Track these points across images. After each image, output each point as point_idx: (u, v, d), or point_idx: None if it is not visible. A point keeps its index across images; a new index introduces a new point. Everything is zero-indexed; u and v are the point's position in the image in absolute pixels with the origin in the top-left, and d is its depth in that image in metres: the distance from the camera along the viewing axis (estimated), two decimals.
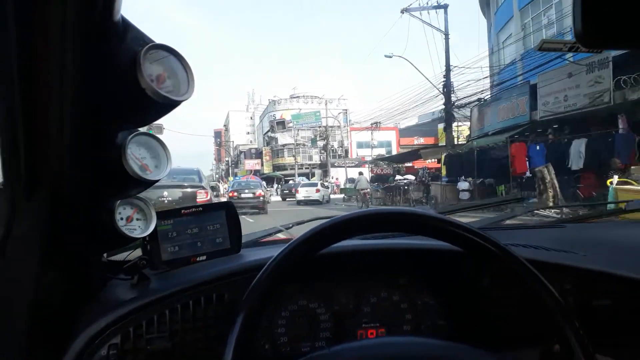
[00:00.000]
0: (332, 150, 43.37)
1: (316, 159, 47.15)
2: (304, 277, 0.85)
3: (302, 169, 43.31)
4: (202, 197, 8.03)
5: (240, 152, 57.52)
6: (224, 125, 71.98)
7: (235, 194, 16.38)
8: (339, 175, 38.09)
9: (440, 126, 41.67)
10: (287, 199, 26.74)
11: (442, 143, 36.86)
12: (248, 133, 66.30)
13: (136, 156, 0.71)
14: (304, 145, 46.80)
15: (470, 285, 0.90)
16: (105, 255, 0.91)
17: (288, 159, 47.42)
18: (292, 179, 38.00)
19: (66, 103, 0.61)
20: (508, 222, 1.71)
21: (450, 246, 0.63)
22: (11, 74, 0.57)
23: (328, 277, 0.91)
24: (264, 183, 20.85)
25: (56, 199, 0.70)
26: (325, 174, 40.18)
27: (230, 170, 50.29)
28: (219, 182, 29.65)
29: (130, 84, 0.60)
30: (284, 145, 48.50)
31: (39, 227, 0.70)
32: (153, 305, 0.76)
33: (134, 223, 0.82)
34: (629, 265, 0.92)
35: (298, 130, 45.51)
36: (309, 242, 0.60)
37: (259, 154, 51.56)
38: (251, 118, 67.76)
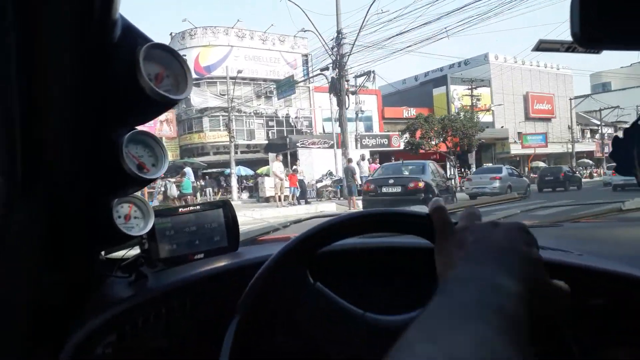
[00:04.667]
0: (293, 124, 27.16)
1: (261, 137, 26.82)
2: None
3: (237, 153, 23.23)
4: None
5: None
6: None
7: (372, 186, 9.32)
8: (311, 160, 19.79)
9: (436, 91, 30.36)
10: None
11: (443, 112, 26.04)
12: None
13: (133, 155, 0.71)
14: (239, 111, 24.46)
15: None
16: (102, 253, 0.91)
17: (211, 136, 25.84)
18: (223, 170, 21.70)
19: (64, 101, 0.61)
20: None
21: None
22: (9, 71, 0.57)
23: (325, 276, 0.91)
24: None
25: (53, 197, 0.69)
26: (291, 157, 20.38)
27: None
28: None
29: (128, 82, 0.60)
30: (202, 111, 25.94)
31: (36, 225, 0.70)
32: (150, 303, 0.76)
33: (132, 221, 0.82)
34: (626, 263, 0.92)
35: (235, 82, 22.39)
36: (307, 241, 0.60)
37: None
38: None
